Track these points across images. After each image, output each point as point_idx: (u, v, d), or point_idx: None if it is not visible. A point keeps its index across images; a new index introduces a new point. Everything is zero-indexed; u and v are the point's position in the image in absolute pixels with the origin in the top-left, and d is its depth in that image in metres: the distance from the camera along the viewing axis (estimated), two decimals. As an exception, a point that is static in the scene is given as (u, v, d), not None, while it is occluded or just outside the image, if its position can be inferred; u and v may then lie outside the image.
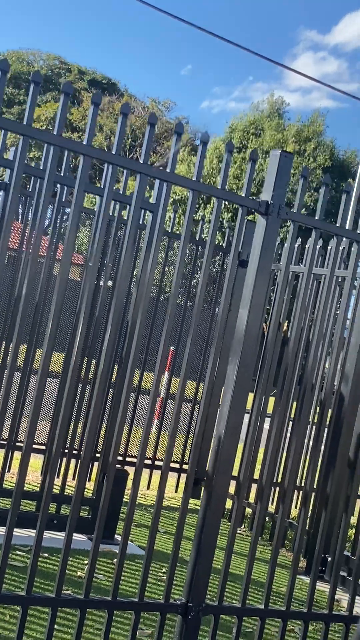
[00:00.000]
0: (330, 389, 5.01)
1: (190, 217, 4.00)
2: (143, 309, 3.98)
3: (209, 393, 4.33)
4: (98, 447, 6.84)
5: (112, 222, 5.92)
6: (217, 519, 4.20)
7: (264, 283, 4.18)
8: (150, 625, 4.56)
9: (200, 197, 28.67)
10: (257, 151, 4.21)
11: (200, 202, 30.31)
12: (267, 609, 4.49)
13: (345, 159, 34.33)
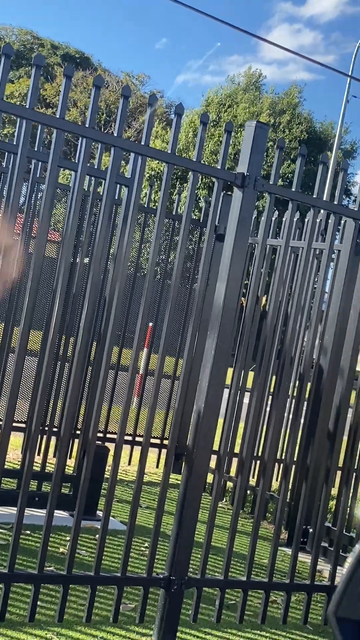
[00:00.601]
0: (309, 362, 5.02)
1: (166, 191, 3.96)
2: (120, 285, 3.95)
3: (187, 368, 4.32)
4: (78, 424, 6.83)
5: (87, 198, 5.87)
6: (198, 493, 4.21)
7: (241, 256, 4.16)
8: (133, 600, 4.57)
9: (175, 173, 28.51)
10: (232, 123, 4.17)
11: (176, 178, 30.13)
12: (249, 580, 4.52)
13: (322, 131, 34.19)
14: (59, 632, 4.03)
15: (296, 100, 33.77)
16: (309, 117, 33.44)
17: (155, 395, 4.14)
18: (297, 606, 5.06)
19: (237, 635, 4.55)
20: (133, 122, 40.21)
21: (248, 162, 4.12)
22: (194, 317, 4.30)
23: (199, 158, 4.01)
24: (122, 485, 7.20)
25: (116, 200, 6.32)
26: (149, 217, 7.99)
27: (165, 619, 4.19)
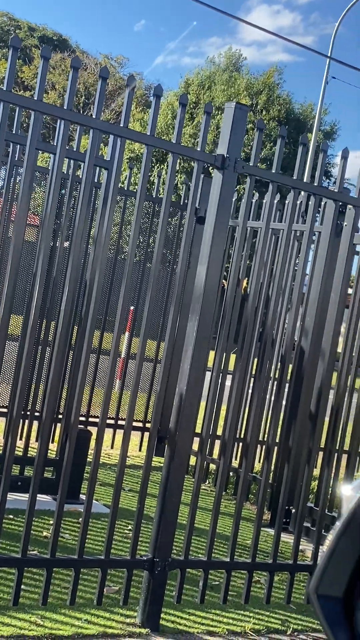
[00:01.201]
0: (290, 344, 5.03)
1: (145, 173, 3.94)
2: (101, 268, 3.93)
3: (169, 351, 4.32)
4: (61, 408, 6.82)
5: (66, 181, 5.83)
6: (180, 475, 4.22)
7: (222, 239, 4.15)
8: (117, 582, 4.59)
9: (155, 155, 28.34)
10: (211, 104, 4.15)
11: (156, 161, 29.97)
12: (232, 561, 4.54)
13: (301, 112, 34.09)
14: (43, 615, 4.04)
15: (273, 81, 33.53)
16: (288, 99, 33.29)
17: (137, 378, 4.14)
18: (281, 586, 5.10)
19: (221, 615, 4.58)
20: (112, 104, 39.97)
21: (228, 143, 4.11)
22: (174, 300, 4.29)
23: (178, 140, 3.99)
24: (105, 469, 7.21)
25: (96, 183, 6.29)
26: (129, 200, 7.96)
27: (149, 601, 4.21)
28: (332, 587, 1.01)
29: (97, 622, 4.14)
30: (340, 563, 1.01)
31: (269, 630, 4.56)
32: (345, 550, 1.01)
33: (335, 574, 1.01)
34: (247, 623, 4.55)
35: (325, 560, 1.00)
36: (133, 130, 3.95)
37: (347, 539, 1.01)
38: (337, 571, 1.02)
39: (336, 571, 1.01)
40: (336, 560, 1.01)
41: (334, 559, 1.00)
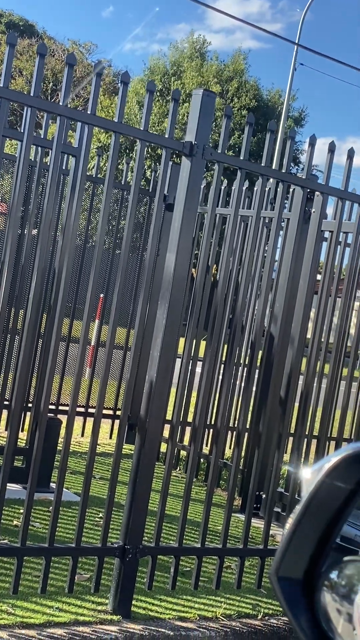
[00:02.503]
0: (259, 330, 5.05)
1: (113, 160, 3.93)
2: (69, 255, 3.92)
3: (139, 338, 4.32)
4: (30, 397, 6.79)
5: (34, 168, 5.78)
6: (151, 462, 4.23)
7: (191, 226, 4.15)
8: (89, 570, 4.60)
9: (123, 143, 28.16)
10: (179, 91, 4.14)
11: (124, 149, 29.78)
12: (203, 547, 4.57)
13: (269, 98, 34.04)
14: (14, 604, 4.04)
15: (242, 66, 33.33)
16: (256, 85, 33.19)
17: (106, 365, 4.13)
18: (251, 571, 5.14)
19: (192, 601, 4.61)
20: (81, 91, 39.67)
21: (196, 130, 4.10)
22: (144, 287, 4.29)
23: (146, 127, 3.98)
24: (76, 457, 7.20)
25: (64, 170, 6.24)
26: (97, 187, 7.92)
27: (120, 588, 4.22)
28: (292, 569, 1.03)
29: (68, 609, 4.14)
30: (300, 545, 1.03)
31: (240, 615, 4.59)
32: (305, 532, 1.03)
33: (295, 556, 1.03)
34: (218, 608, 4.58)
35: (285, 542, 1.01)
36: (100, 117, 3.93)
37: (307, 521, 1.02)
38: (297, 553, 1.03)
39: (296, 553, 1.03)
40: (296, 543, 1.02)
41: (294, 542, 1.02)
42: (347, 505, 1.06)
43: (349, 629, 1.02)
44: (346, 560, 1.03)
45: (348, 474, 1.04)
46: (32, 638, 3.81)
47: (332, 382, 5.43)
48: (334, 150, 4.68)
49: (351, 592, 1.01)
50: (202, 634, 4.32)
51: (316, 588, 1.03)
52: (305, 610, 1.02)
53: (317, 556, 1.04)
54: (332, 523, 1.05)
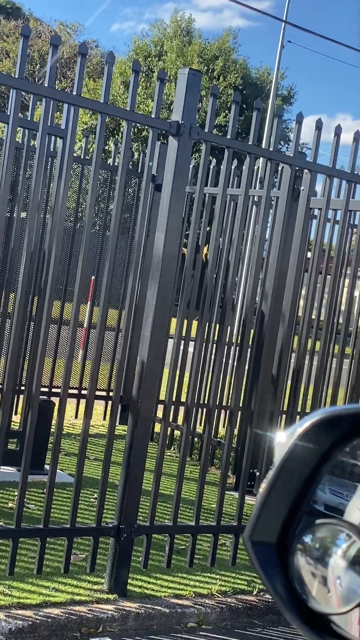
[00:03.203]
0: (250, 309, 5.06)
1: (100, 141, 3.92)
2: (58, 237, 3.91)
3: (129, 319, 4.33)
4: (24, 379, 6.80)
5: (21, 151, 5.77)
6: (144, 441, 4.25)
7: (179, 205, 4.15)
8: (84, 550, 4.63)
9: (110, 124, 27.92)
10: (164, 71, 4.12)
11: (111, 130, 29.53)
12: (198, 525, 4.60)
13: (258, 77, 33.80)
14: (10, 585, 4.07)
15: (228, 46, 32.94)
16: (244, 64, 32.94)
17: (98, 347, 4.14)
18: (246, 547, 5.18)
19: (188, 579, 4.65)
20: (68, 72, 39.37)
21: (182, 110, 4.09)
22: (133, 268, 4.29)
23: (132, 107, 3.96)
24: (70, 439, 7.22)
25: (52, 152, 6.22)
26: (86, 168, 7.89)
27: (116, 567, 4.25)
28: (265, 534, 1.04)
29: (64, 589, 4.17)
30: (274, 509, 1.05)
31: (236, 591, 4.64)
32: (278, 496, 1.04)
33: (268, 520, 1.04)
34: (213, 585, 4.62)
35: (259, 507, 1.03)
36: (86, 98, 3.92)
37: (280, 485, 1.04)
38: (271, 518, 1.05)
39: (270, 518, 1.05)
40: (269, 507, 1.04)
41: (267, 506, 1.03)
42: (319, 468, 1.07)
43: (323, 591, 1.03)
44: (318, 523, 1.05)
45: (320, 437, 1.06)
46: (29, 618, 3.84)
47: (323, 359, 5.45)
48: (321, 127, 4.67)
49: (325, 555, 1.03)
50: (197, 611, 4.36)
51: (290, 552, 1.04)
52: (280, 574, 1.03)
53: (290, 520, 1.06)
54: (304, 487, 1.07)
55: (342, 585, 1.02)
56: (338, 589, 1.02)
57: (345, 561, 1.01)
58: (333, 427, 1.06)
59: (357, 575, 1.00)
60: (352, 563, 1.01)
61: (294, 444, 1.04)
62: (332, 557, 1.03)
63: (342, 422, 1.07)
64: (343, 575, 1.02)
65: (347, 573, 1.01)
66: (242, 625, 4.46)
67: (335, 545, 1.03)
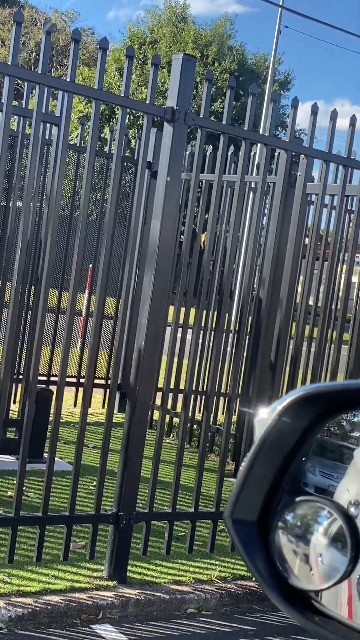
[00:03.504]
0: (247, 295, 5.05)
1: (94, 128, 3.90)
2: (54, 225, 3.90)
3: (126, 306, 4.32)
4: (22, 368, 6.80)
5: (16, 139, 5.74)
6: (141, 428, 4.25)
7: (175, 192, 4.14)
8: (84, 538, 4.63)
9: (104, 111, 27.73)
10: (159, 56, 4.10)
11: (107, 118, 29.34)
12: (197, 511, 4.61)
13: (255, 63, 33.54)
14: (10, 573, 4.08)
15: (224, 31, 32.58)
16: (241, 50, 32.68)
17: (95, 335, 4.14)
18: (245, 533, 5.19)
19: (187, 565, 4.66)
20: (64, 60, 39.16)
21: (177, 96, 4.07)
22: (130, 256, 4.28)
23: (126, 93, 3.94)
24: (69, 427, 7.23)
25: (47, 140, 6.19)
26: (82, 157, 7.86)
27: (115, 554, 4.26)
28: (246, 512, 1.04)
29: (64, 577, 4.18)
30: (254, 487, 1.04)
31: (235, 577, 4.65)
32: (259, 473, 1.04)
33: (249, 498, 1.04)
34: (213, 571, 4.64)
35: (239, 485, 1.03)
36: (80, 85, 3.90)
37: (260, 462, 1.04)
38: (251, 495, 1.04)
39: (250, 495, 1.04)
40: (250, 485, 1.03)
41: (247, 484, 1.03)
42: (300, 445, 1.07)
43: (305, 569, 1.03)
44: (299, 500, 1.05)
45: (301, 414, 1.05)
46: (28, 606, 3.85)
47: (320, 346, 5.44)
48: (317, 112, 4.65)
49: (307, 533, 1.03)
50: (197, 597, 4.37)
51: (270, 529, 1.04)
52: (261, 552, 1.03)
53: (271, 498, 1.05)
54: (285, 464, 1.07)
55: (323, 563, 1.02)
56: (320, 566, 1.02)
57: (327, 538, 1.01)
58: (314, 404, 1.06)
59: (338, 552, 1.00)
60: (333, 540, 1.01)
61: (275, 420, 1.03)
62: (313, 534, 1.03)
63: (323, 399, 1.07)
64: (324, 553, 1.02)
65: (329, 550, 1.01)
66: (242, 610, 4.48)
67: (316, 523, 1.03)
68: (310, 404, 1.05)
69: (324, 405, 1.06)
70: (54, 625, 3.87)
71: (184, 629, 4.14)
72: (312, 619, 1.02)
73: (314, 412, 1.06)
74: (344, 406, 1.08)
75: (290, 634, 4.22)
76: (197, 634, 4.11)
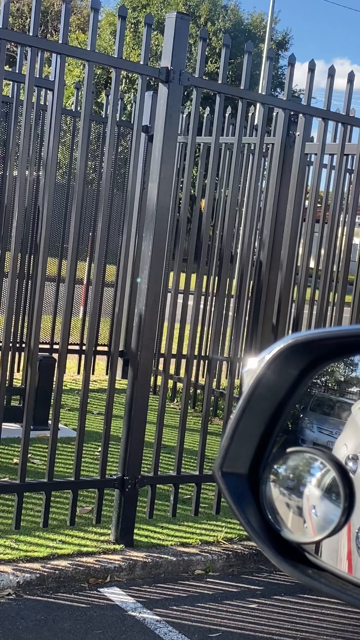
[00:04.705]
0: (247, 259, 5.02)
1: (88, 91, 3.85)
2: (50, 192, 3.87)
3: (125, 272, 4.30)
4: (24, 337, 6.80)
5: (10, 105, 5.68)
6: (144, 393, 4.25)
7: (171, 154, 4.10)
8: (90, 503, 4.66)
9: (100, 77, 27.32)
10: (152, 15, 4.03)
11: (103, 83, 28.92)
12: (202, 474, 4.62)
13: (251, 22, 32.98)
14: (17, 539, 4.10)
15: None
16: (235, 9, 32.11)
17: (95, 302, 4.12)
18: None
19: (194, 527, 4.69)
20: (59, 25, 38.61)
21: (171, 55, 4.01)
22: (127, 221, 4.25)
23: (119, 54, 3.88)
24: (74, 394, 7.24)
25: (43, 106, 6.13)
26: (79, 123, 7.78)
27: (121, 518, 4.29)
28: (236, 464, 1.02)
29: (71, 542, 4.21)
30: (244, 439, 1.03)
31: (241, 538, 4.68)
32: (249, 425, 1.02)
33: (239, 450, 1.02)
34: (219, 533, 4.67)
35: (229, 437, 1.01)
36: (73, 47, 3.84)
37: (250, 413, 1.02)
38: (241, 448, 1.03)
39: (240, 448, 1.03)
40: (239, 437, 1.02)
41: (237, 436, 1.01)
42: (289, 396, 1.05)
43: (299, 522, 1.02)
44: (290, 451, 1.03)
45: (290, 363, 1.03)
46: (36, 570, 3.89)
47: (322, 308, 5.42)
48: (314, 69, 4.59)
49: (299, 485, 1.02)
50: (204, 558, 4.40)
51: (261, 481, 1.03)
52: (252, 505, 1.02)
53: (261, 450, 1.04)
54: (276, 415, 1.05)
55: (317, 514, 1.01)
56: (313, 518, 1.01)
57: (320, 490, 1.00)
58: (303, 353, 1.03)
59: (331, 503, 0.99)
60: (327, 491, 0.99)
61: (264, 370, 1.01)
62: (306, 486, 1.01)
63: (313, 347, 1.04)
64: (318, 504, 1.01)
65: (322, 501, 1.00)
66: (249, 570, 4.51)
67: (309, 474, 1.01)
68: (300, 352, 1.02)
69: (314, 354, 1.04)
70: (62, 590, 3.91)
71: (192, 590, 4.17)
72: (306, 571, 1.01)
73: (304, 361, 1.04)
74: (334, 354, 1.06)
75: (297, 592, 4.26)
76: (205, 594, 4.15)
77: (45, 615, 3.66)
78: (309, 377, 1.05)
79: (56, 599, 3.83)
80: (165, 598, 4.04)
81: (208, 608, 3.98)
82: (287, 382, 1.03)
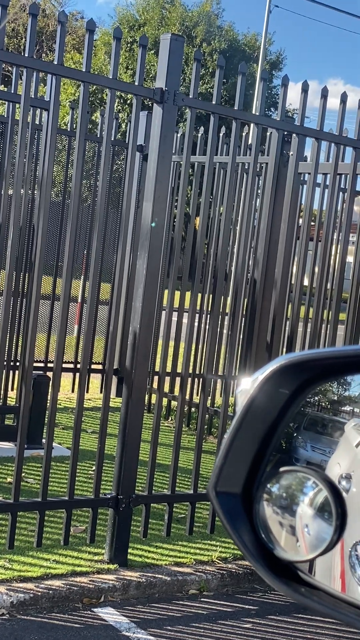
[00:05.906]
0: (241, 278, 5.03)
1: (83, 111, 3.87)
2: (45, 210, 3.88)
3: (119, 291, 4.31)
4: (18, 356, 6.79)
5: (6, 125, 5.71)
6: (139, 412, 4.25)
7: (165, 173, 4.12)
8: (83, 522, 4.64)
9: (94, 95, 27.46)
10: (146, 36, 4.06)
11: (98, 102, 29.08)
12: (196, 493, 4.61)
13: (246, 43, 33.18)
14: (11, 559, 4.09)
15: (210, 10, 32.09)
16: (230, 30, 32.31)
17: (89, 321, 4.13)
18: (245, 514, 5.20)
19: (188, 546, 4.67)
20: (54, 45, 38.88)
21: (166, 76, 4.04)
22: (122, 240, 4.27)
23: (114, 75, 3.91)
24: (68, 413, 7.23)
25: (38, 125, 6.16)
26: (74, 141, 7.81)
27: (115, 537, 4.27)
28: (230, 484, 1.03)
29: (65, 561, 4.20)
30: (238, 459, 1.03)
31: (236, 557, 4.66)
32: (242, 445, 1.03)
33: (232, 470, 1.03)
34: (213, 552, 4.65)
35: (222, 456, 1.02)
36: (68, 68, 3.87)
37: (243, 433, 1.03)
38: (235, 467, 1.04)
39: (234, 467, 1.04)
40: (233, 457, 1.03)
41: (230, 455, 1.02)
42: (282, 416, 1.06)
43: (291, 541, 1.03)
44: (283, 470, 1.04)
45: (283, 383, 1.04)
46: (30, 591, 3.87)
47: (316, 326, 5.44)
48: (307, 90, 4.62)
49: (292, 504, 1.02)
50: (199, 578, 4.38)
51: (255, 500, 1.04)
52: (245, 524, 1.03)
53: (255, 469, 1.05)
54: (269, 435, 1.06)
55: (310, 533, 1.02)
56: (306, 537, 1.02)
57: (313, 509, 1.01)
58: (296, 373, 1.05)
59: (324, 522, 0.99)
60: (320, 510, 1.00)
61: (257, 390, 1.02)
62: (299, 505, 1.02)
63: (305, 368, 1.05)
64: (311, 523, 1.01)
65: (315, 520, 1.01)
66: (243, 590, 4.50)
67: (301, 494, 1.02)
68: (293, 373, 1.04)
69: (306, 374, 1.05)
70: (55, 610, 3.89)
71: (186, 610, 4.15)
72: (299, 590, 1.02)
73: (296, 381, 1.05)
74: (326, 374, 1.07)
75: (292, 612, 4.24)
76: (199, 614, 4.13)
77: (39, 635, 3.64)
78: (301, 397, 1.07)
79: (50, 619, 3.81)
80: (160, 618, 4.02)
81: (202, 628, 3.96)
82: (280, 402, 1.04)
